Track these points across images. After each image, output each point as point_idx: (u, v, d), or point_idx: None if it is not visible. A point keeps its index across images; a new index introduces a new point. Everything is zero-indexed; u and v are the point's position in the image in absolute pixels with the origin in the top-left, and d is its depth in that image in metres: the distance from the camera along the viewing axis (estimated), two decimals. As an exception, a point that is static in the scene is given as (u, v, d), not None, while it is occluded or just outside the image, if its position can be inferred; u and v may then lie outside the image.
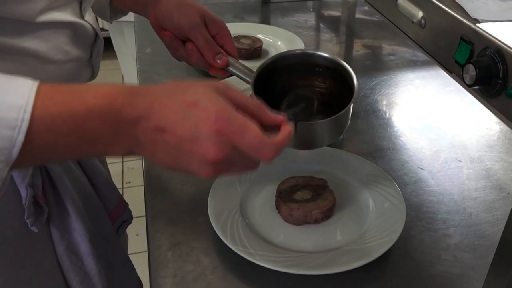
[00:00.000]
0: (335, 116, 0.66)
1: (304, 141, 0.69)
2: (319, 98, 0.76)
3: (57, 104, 0.44)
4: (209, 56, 0.74)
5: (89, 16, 0.66)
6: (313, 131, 0.68)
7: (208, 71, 0.76)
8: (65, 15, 0.60)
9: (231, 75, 0.78)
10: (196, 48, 0.74)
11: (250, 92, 0.70)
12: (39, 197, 0.62)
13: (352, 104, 0.67)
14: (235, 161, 0.47)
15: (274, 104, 0.69)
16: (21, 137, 0.42)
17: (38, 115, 0.42)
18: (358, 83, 0.68)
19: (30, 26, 0.56)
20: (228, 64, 0.74)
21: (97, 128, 0.45)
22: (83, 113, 0.44)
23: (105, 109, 0.45)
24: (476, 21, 0.50)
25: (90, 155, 0.50)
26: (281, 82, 0.76)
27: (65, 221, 0.66)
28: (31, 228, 0.61)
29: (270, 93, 0.71)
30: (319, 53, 0.74)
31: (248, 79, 0.73)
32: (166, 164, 0.48)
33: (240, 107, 0.48)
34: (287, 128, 0.50)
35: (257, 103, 0.51)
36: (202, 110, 0.45)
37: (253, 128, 0.46)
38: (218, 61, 0.73)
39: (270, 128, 0.50)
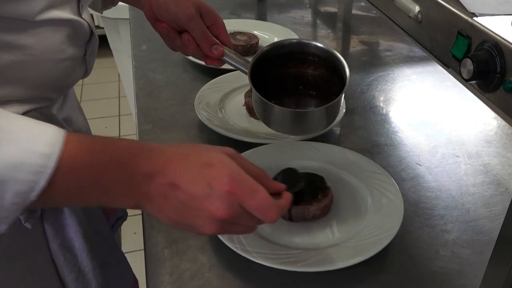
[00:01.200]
0: (327, 105, 0.69)
1: (298, 128, 0.74)
2: (314, 85, 0.79)
3: (82, 153, 0.46)
4: (206, 47, 0.75)
5: (85, 14, 0.66)
6: (307, 118, 0.73)
7: (204, 61, 0.78)
8: (64, 13, 0.60)
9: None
10: (192, 39, 0.75)
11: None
12: None
13: (343, 94, 0.70)
14: (239, 222, 0.50)
15: (269, 92, 0.71)
16: (42, 183, 0.44)
17: (64, 163, 0.45)
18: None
19: (28, 24, 0.56)
20: (223, 54, 0.76)
21: (115, 179, 0.48)
22: (104, 163, 0.47)
23: (125, 161, 0.48)
24: (473, 15, 0.49)
25: (97, 204, 0.55)
26: (276, 70, 0.78)
27: (59, 217, 0.66)
28: (25, 224, 0.60)
29: (265, 81, 0.74)
30: (313, 42, 0.77)
31: (243, 69, 0.75)
32: (171, 218, 0.50)
33: (248, 172, 0.51)
34: (288, 195, 0.55)
35: (261, 171, 0.54)
36: (216, 170, 0.48)
37: (262, 191, 0.49)
38: (214, 51, 0.75)
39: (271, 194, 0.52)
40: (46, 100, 0.65)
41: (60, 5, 0.58)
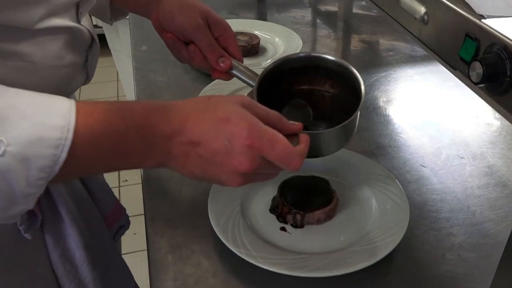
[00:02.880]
0: (342, 124, 0.63)
1: (310, 150, 0.63)
2: (325, 102, 0.74)
3: (99, 122, 0.47)
4: (212, 59, 0.72)
5: (85, 20, 0.65)
6: (319, 140, 0.65)
7: (211, 74, 0.74)
8: (63, 21, 0.59)
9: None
10: (199, 50, 0.72)
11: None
12: None
13: (359, 111, 0.65)
14: (262, 171, 0.51)
15: (278, 108, 0.67)
16: (64, 156, 0.44)
17: (81, 133, 0.45)
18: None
19: (27, 32, 0.55)
20: (231, 68, 0.72)
21: (135, 143, 0.49)
22: (122, 130, 0.48)
23: (142, 125, 0.49)
24: (481, 17, 0.48)
25: (124, 168, 0.53)
26: (285, 85, 0.73)
27: (59, 228, 0.65)
28: (24, 235, 0.59)
29: (274, 96, 0.69)
30: (325, 56, 0.72)
31: (252, 83, 0.70)
32: (195, 174, 0.51)
33: (264, 119, 0.52)
34: (305, 136, 0.55)
35: (277, 115, 0.54)
36: (234, 125, 0.49)
37: (282, 141, 0.50)
38: (222, 64, 0.72)
39: (288, 136, 0.53)
40: None
41: (59, 13, 0.57)
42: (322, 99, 0.74)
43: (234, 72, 0.73)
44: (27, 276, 0.64)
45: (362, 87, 0.66)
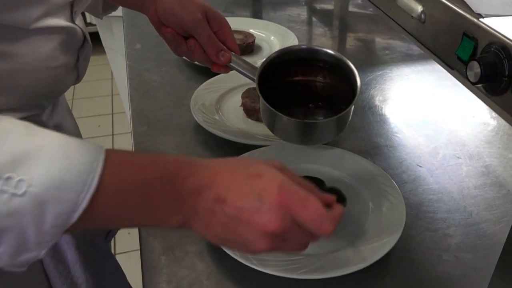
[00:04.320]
0: (338, 115, 0.67)
1: (307, 138, 0.72)
2: (322, 93, 0.77)
3: (129, 170, 0.45)
4: (212, 53, 0.73)
5: (78, 20, 0.64)
6: (317, 129, 0.71)
7: (210, 67, 0.76)
8: (59, 20, 0.58)
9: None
10: (198, 44, 0.73)
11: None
12: None
13: (353, 105, 0.68)
14: (291, 236, 0.47)
15: (277, 99, 0.69)
16: (84, 203, 0.41)
17: (108, 180, 0.42)
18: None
19: (22, 33, 0.54)
20: (231, 61, 0.74)
21: (162, 196, 0.46)
22: (152, 180, 0.45)
23: (172, 177, 0.46)
24: (479, 16, 0.48)
25: (142, 224, 0.52)
26: (284, 77, 0.76)
27: None
28: None
29: (273, 88, 0.72)
30: (323, 49, 0.75)
31: (251, 75, 0.73)
32: (219, 236, 0.48)
33: (296, 183, 0.48)
34: (339, 206, 0.50)
35: (310, 185, 0.51)
36: (265, 181, 0.46)
37: (315, 201, 0.46)
38: (221, 58, 0.73)
39: None
40: (37, 108, 0.63)
41: (55, 13, 0.57)
42: (318, 90, 0.77)
43: (233, 65, 0.75)
44: (18, 277, 0.62)
45: (358, 80, 0.69)
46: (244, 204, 0.46)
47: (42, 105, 0.64)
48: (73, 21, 0.62)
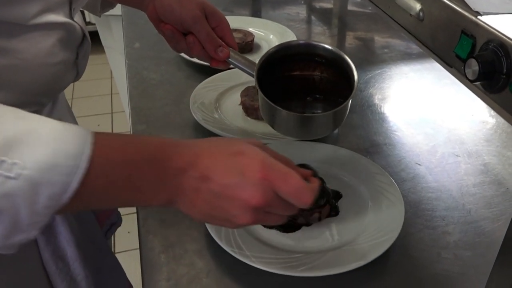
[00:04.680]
0: (335, 109, 0.69)
1: (305, 132, 0.74)
2: (320, 88, 0.78)
3: (115, 152, 0.46)
4: (211, 49, 0.74)
5: (77, 17, 0.65)
6: (315, 122, 0.72)
7: (209, 63, 0.77)
8: (57, 17, 0.58)
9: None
10: (197, 41, 0.74)
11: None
12: None
13: (351, 99, 0.69)
14: (273, 210, 0.50)
15: (275, 94, 0.69)
16: (75, 184, 0.43)
17: (95, 163, 0.44)
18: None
19: (21, 28, 0.54)
20: (229, 57, 0.75)
21: (148, 176, 0.48)
22: (137, 161, 0.47)
23: (157, 158, 0.48)
24: (477, 13, 0.48)
25: (134, 203, 0.53)
26: (283, 72, 0.77)
27: (50, 225, 0.64)
28: None
29: (272, 83, 0.74)
30: (320, 44, 0.76)
31: (249, 71, 0.74)
32: (204, 212, 0.50)
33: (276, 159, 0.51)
34: (316, 179, 0.53)
35: (288, 159, 0.53)
36: (247, 158, 0.49)
37: (295, 175, 0.49)
38: (220, 53, 0.74)
39: None
40: (36, 105, 0.63)
41: (54, 9, 0.57)
42: (316, 84, 0.78)
43: (232, 60, 0.76)
44: (17, 274, 0.63)
45: (355, 74, 0.70)
46: (228, 180, 0.48)
47: (41, 102, 0.64)
48: (72, 18, 0.62)
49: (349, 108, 0.72)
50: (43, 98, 0.64)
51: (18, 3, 0.52)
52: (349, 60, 0.72)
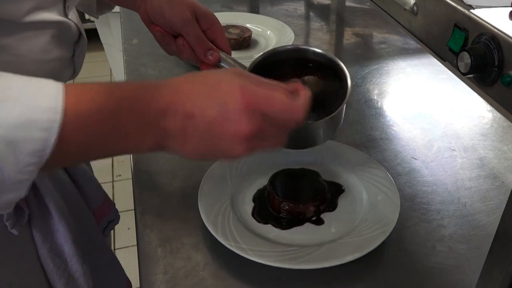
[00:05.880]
0: (329, 116, 0.64)
1: (297, 141, 0.68)
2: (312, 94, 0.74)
3: (88, 103, 0.44)
4: (200, 52, 0.72)
5: (72, 15, 0.65)
6: (306, 131, 0.67)
7: (199, 66, 0.75)
8: (50, 14, 0.58)
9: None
10: (187, 43, 0.72)
11: None
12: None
13: (345, 104, 0.66)
14: (266, 134, 0.48)
15: None
16: (53, 138, 0.42)
17: (71, 114, 0.43)
18: (350, 72, 0.67)
19: (14, 26, 0.54)
20: (219, 60, 0.73)
21: (129, 121, 0.46)
22: (114, 108, 0.45)
23: (135, 101, 0.46)
24: (470, 7, 0.48)
25: (122, 151, 0.51)
26: (274, 77, 0.74)
27: (47, 223, 0.64)
28: (11, 231, 0.59)
29: None
30: (312, 48, 0.73)
31: None
32: (198, 151, 0.48)
33: (258, 83, 0.49)
34: (306, 90, 0.51)
35: (270, 80, 0.51)
36: (226, 87, 0.47)
37: (279, 93, 0.47)
38: (210, 57, 0.72)
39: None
40: None
41: (47, 6, 0.57)
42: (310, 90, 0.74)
43: (223, 64, 0.73)
44: (15, 271, 0.63)
45: (349, 80, 0.66)
46: (211, 114, 0.46)
47: None
48: (66, 16, 0.62)
49: (343, 116, 0.69)
50: None
51: (10, 1, 0.52)
52: (341, 63, 0.69)
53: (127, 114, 0.46)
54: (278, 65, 0.73)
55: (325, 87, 0.73)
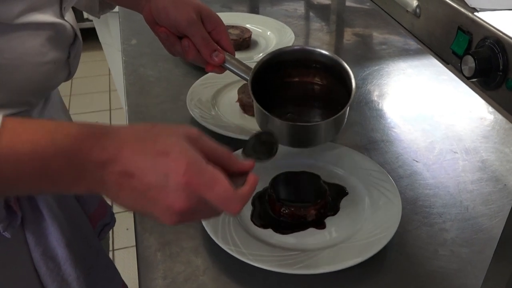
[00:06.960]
0: (333, 118, 0.66)
1: (300, 140, 0.70)
2: (317, 95, 0.75)
3: (24, 143, 0.43)
4: (206, 53, 0.72)
5: (69, 16, 0.64)
6: (311, 132, 0.69)
7: (204, 67, 0.75)
8: (45, 16, 0.57)
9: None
10: (192, 44, 0.72)
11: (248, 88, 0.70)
12: (12, 201, 0.60)
13: (349, 106, 0.67)
14: (199, 210, 0.47)
15: (271, 100, 0.68)
16: None
17: (3, 153, 0.42)
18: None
19: (7, 28, 0.53)
20: (225, 61, 0.73)
21: (62, 169, 0.45)
22: (50, 154, 0.44)
23: (74, 151, 0.45)
24: (474, 10, 0.48)
25: (51, 192, 0.52)
26: (278, 78, 0.75)
27: (40, 226, 0.64)
28: (4, 233, 0.58)
29: (267, 89, 0.71)
30: (318, 49, 0.74)
31: (245, 76, 0.72)
32: (130, 207, 0.48)
33: (211, 156, 0.48)
34: (253, 178, 0.50)
35: (227, 153, 0.50)
36: (172, 160, 0.45)
37: (222, 182, 0.46)
38: (215, 58, 0.72)
39: (237, 175, 0.50)
40: (26, 105, 0.62)
41: (41, 8, 0.56)
42: (313, 91, 0.76)
43: (227, 65, 0.74)
44: (8, 274, 0.63)
45: (353, 82, 0.67)
46: (150, 181, 0.45)
47: (31, 102, 0.63)
48: (62, 17, 0.61)
49: (346, 116, 0.70)
50: (33, 97, 0.63)
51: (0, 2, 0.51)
52: (346, 65, 0.70)
53: (62, 163, 0.45)
54: (284, 65, 0.74)
55: (329, 88, 0.73)
